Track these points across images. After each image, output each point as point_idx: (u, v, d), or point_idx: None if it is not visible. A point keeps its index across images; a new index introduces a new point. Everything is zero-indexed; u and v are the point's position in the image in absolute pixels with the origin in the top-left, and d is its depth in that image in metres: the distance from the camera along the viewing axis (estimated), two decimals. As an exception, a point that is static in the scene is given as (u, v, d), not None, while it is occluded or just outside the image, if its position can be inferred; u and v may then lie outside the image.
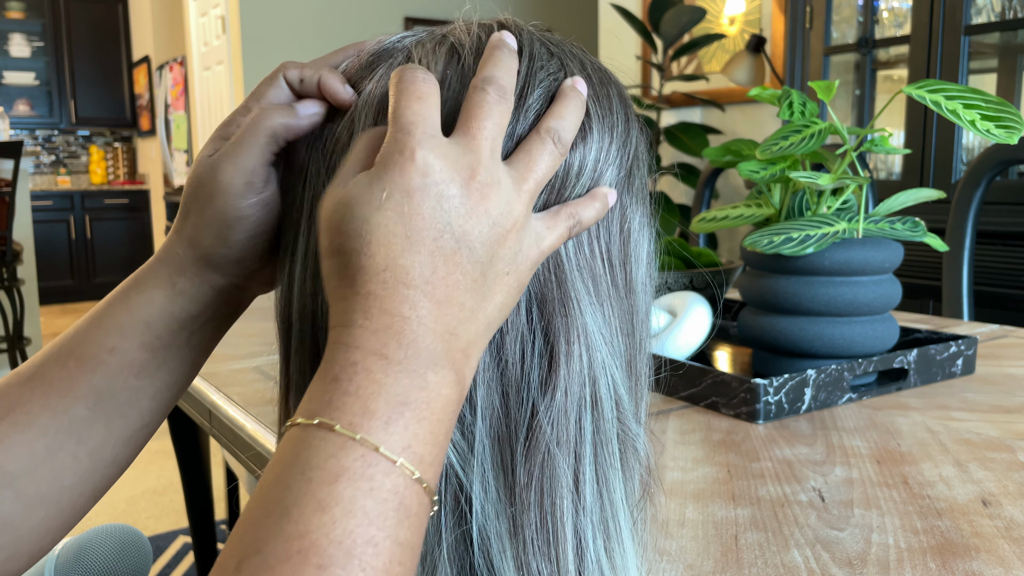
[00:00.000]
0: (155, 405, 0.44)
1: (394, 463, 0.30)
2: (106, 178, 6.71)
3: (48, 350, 0.43)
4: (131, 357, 0.43)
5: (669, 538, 0.55)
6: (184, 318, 0.43)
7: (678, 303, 0.97)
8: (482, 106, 0.35)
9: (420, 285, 0.33)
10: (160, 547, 2.17)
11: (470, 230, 0.33)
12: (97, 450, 0.43)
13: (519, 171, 0.36)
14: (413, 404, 0.31)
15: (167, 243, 0.44)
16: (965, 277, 1.40)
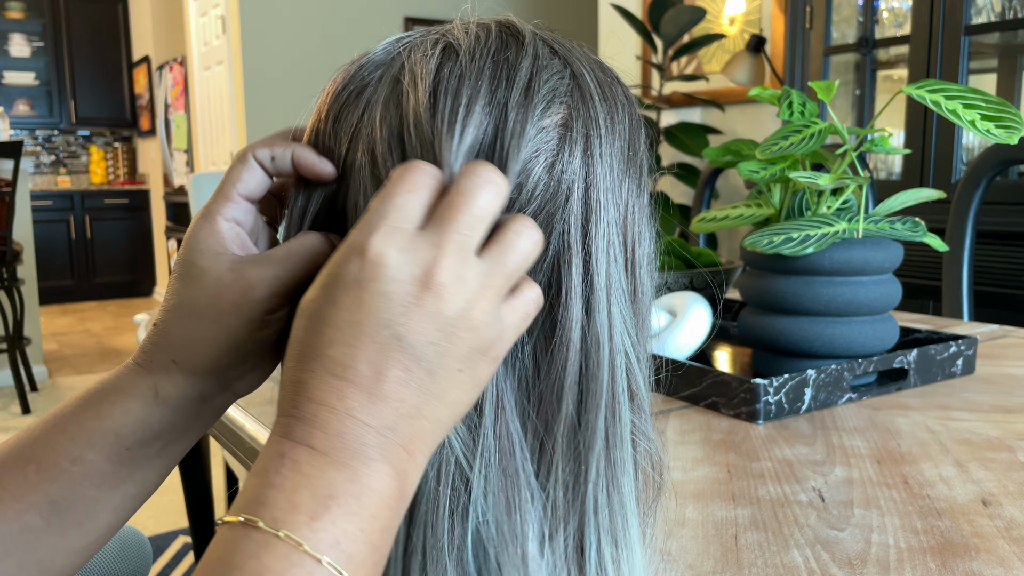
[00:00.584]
0: (114, 517, 0.42)
1: (319, 562, 0.29)
2: (106, 178, 6.71)
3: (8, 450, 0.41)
4: (95, 468, 0.40)
5: (669, 538, 0.55)
6: (160, 429, 0.41)
7: (678, 303, 0.97)
8: (463, 192, 0.33)
9: (351, 378, 0.31)
10: (160, 547, 2.17)
11: (413, 329, 0.32)
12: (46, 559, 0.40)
13: (490, 265, 0.34)
14: (341, 498, 0.30)
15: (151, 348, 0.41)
16: (965, 277, 1.40)
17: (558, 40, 0.40)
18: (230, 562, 0.29)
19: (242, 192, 0.40)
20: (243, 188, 0.40)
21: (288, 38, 4.45)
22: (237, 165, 0.41)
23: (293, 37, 4.45)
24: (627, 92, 0.41)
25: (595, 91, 0.39)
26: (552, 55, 0.39)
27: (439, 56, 0.38)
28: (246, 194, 0.41)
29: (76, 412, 0.41)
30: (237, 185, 0.40)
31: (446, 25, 0.41)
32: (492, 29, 0.40)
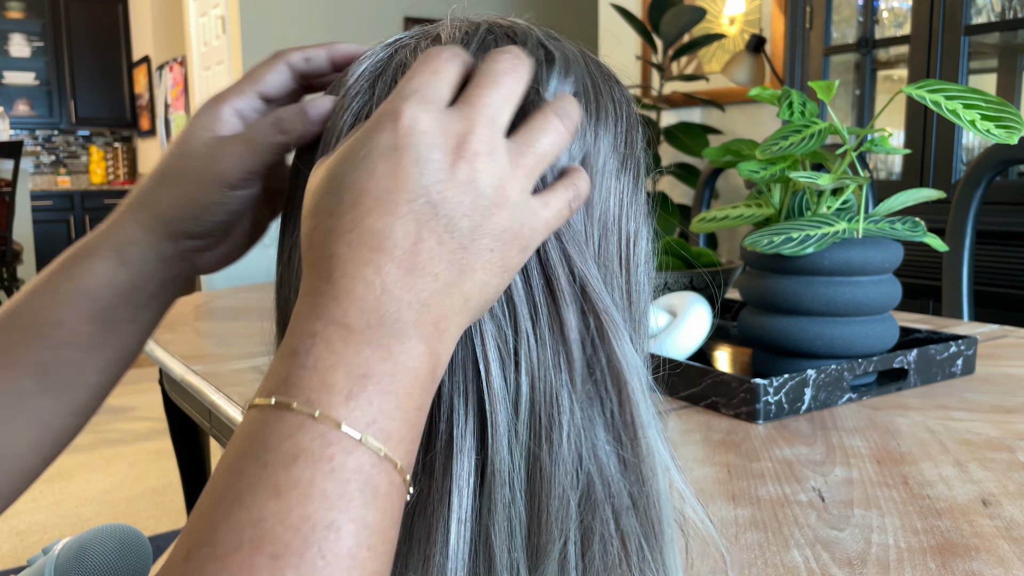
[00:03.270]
0: (103, 378, 0.44)
1: (357, 440, 0.28)
2: (106, 178, 6.71)
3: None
4: (76, 331, 0.42)
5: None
6: (127, 290, 0.43)
7: (678, 303, 0.97)
8: (488, 74, 0.34)
9: (388, 249, 0.30)
10: (160, 547, 2.17)
11: (450, 198, 0.31)
12: (47, 421, 0.43)
13: (519, 145, 0.34)
14: (376, 377, 0.29)
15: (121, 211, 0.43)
16: (965, 277, 1.40)
17: (553, 37, 0.40)
18: (264, 445, 0.28)
19: (260, 90, 0.42)
20: (262, 87, 0.42)
21: (288, 38, 4.45)
22: (262, 66, 0.43)
23: (293, 37, 4.45)
24: (623, 90, 0.41)
25: (590, 88, 0.39)
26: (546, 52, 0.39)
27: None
28: (262, 92, 0.42)
29: (51, 277, 0.43)
30: (256, 84, 0.42)
31: (442, 23, 0.41)
32: (488, 26, 0.40)
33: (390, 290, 0.30)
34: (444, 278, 0.31)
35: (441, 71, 0.34)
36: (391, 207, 0.31)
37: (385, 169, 0.31)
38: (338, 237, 0.31)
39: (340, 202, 0.31)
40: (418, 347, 0.30)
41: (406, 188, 0.31)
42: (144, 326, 0.44)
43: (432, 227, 0.31)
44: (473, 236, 0.32)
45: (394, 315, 0.30)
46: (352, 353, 0.29)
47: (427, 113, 0.32)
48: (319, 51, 0.42)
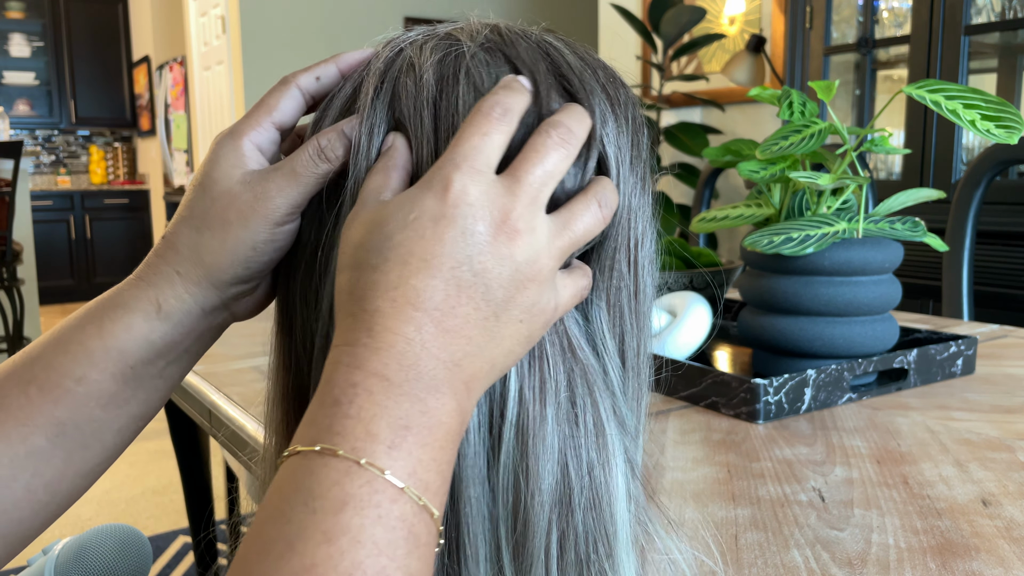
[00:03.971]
0: (119, 439, 0.42)
1: (400, 489, 0.29)
2: (106, 178, 6.71)
3: (7, 371, 0.40)
4: (100, 388, 0.40)
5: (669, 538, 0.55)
6: (163, 346, 0.41)
7: (678, 303, 0.97)
8: (538, 150, 0.35)
9: (429, 310, 0.32)
10: (160, 547, 2.17)
11: (490, 268, 0.33)
12: (54, 483, 0.40)
13: (558, 226, 0.35)
14: (416, 429, 0.30)
15: (155, 260, 0.41)
16: (965, 277, 1.40)
17: (559, 39, 0.41)
18: (311, 491, 0.29)
19: (275, 120, 0.41)
20: (278, 116, 0.41)
21: (288, 38, 4.45)
22: (275, 92, 0.42)
23: (293, 37, 4.45)
24: (630, 93, 0.41)
25: (599, 92, 0.39)
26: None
27: (444, 51, 0.39)
28: (279, 123, 0.41)
29: (77, 330, 0.40)
30: (272, 113, 0.41)
31: (448, 25, 0.41)
32: (496, 29, 0.40)
33: (428, 348, 0.32)
34: (477, 342, 0.33)
35: (491, 134, 0.35)
36: (435, 271, 0.32)
37: (434, 234, 0.32)
38: (383, 293, 0.32)
39: (387, 260, 0.32)
40: (450, 403, 0.32)
41: (452, 255, 0.32)
42: (170, 382, 0.43)
43: (471, 294, 0.33)
44: (506, 306, 0.34)
45: (431, 371, 0.31)
46: (393, 405, 0.30)
47: (476, 185, 0.33)
48: (328, 67, 0.41)
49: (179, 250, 0.40)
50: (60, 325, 0.41)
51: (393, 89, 0.38)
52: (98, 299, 0.41)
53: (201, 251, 0.40)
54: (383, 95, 0.38)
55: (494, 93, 0.36)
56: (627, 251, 0.40)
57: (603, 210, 0.37)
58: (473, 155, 0.34)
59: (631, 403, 0.41)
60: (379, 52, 0.41)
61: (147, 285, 0.41)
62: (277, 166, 0.40)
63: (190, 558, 2.11)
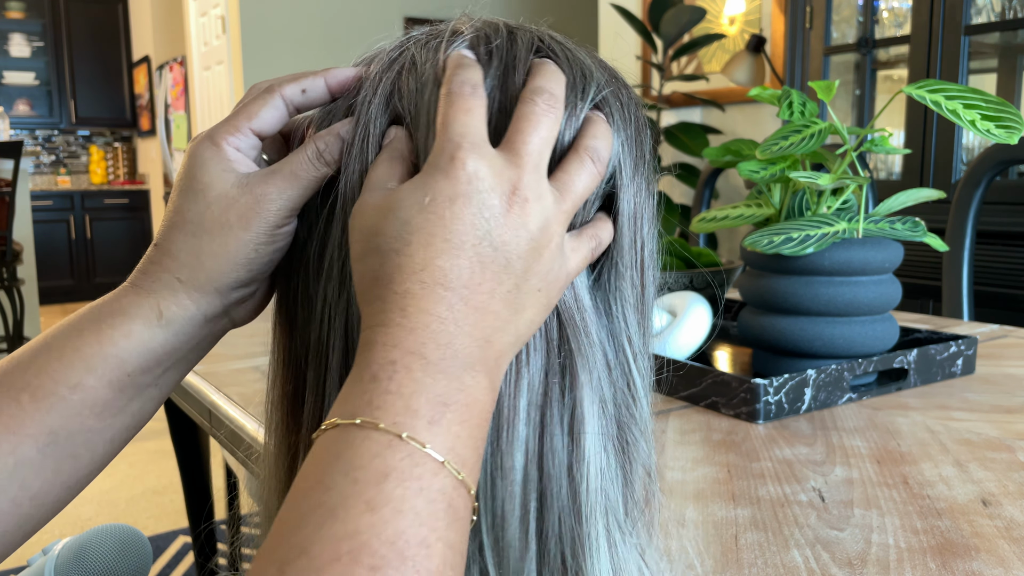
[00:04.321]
0: (109, 449, 0.41)
1: (440, 463, 0.29)
2: (106, 178, 6.71)
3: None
4: (95, 396, 0.39)
5: (669, 538, 0.55)
6: (163, 353, 0.40)
7: (678, 303, 0.97)
8: (529, 119, 0.35)
9: (457, 288, 0.32)
10: (160, 547, 2.17)
11: (509, 240, 0.33)
12: (40, 495, 0.39)
13: (559, 190, 0.36)
14: (454, 406, 0.31)
15: (151, 268, 0.40)
16: (965, 277, 1.40)
17: (562, 40, 0.41)
18: (352, 462, 0.29)
19: (255, 127, 0.41)
20: (257, 124, 0.41)
21: (288, 38, 4.45)
22: (257, 101, 0.41)
23: (293, 37, 4.45)
24: (632, 93, 0.42)
25: (610, 93, 0.39)
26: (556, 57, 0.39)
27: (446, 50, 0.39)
28: (258, 130, 0.41)
29: (72, 337, 0.39)
30: (252, 120, 0.40)
31: (450, 23, 0.41)
32: (497, 28, 0.40)
33: (461, 326, 0.32)
34: (503, 316, 0.34)
35: (472, 109, 0.35)
36: (458, 250, 0.33)
37: (451, 214, 0.33)
38: (410, 275, 0.32)
39: (408, 243, 0.33)
40: (484, 380, 0.32)
41: (472, 232, 0.33)
42: (164, 391, 0.42)
43: (493, 269, 0.33)
44: (526, 276, 0.34)
45: (466, 350, 0.32)
46: (431, 382, 0.31)
47: (483, 160, 0.34)
48: (317, 80, 0.40)
49: (177, 256, 0.40)
50: (51, 332, 0.40)
51: (394, 87, 0.38)
52: (91, 306, 0.41)
53: (202, 256, 0.39)
54: (385, 93, 0.38)
55: (455, 73, 0.36)
56: (633, 251, 0.40)
57: (597, 164, 0.37)
58: (468, 132, 0.34)
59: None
60: (384, 51, 0.41)
61: (146, 292, 0.40)
62: (275, 168, 0.39)
63: (190, 558, 2.11)
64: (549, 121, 0.36)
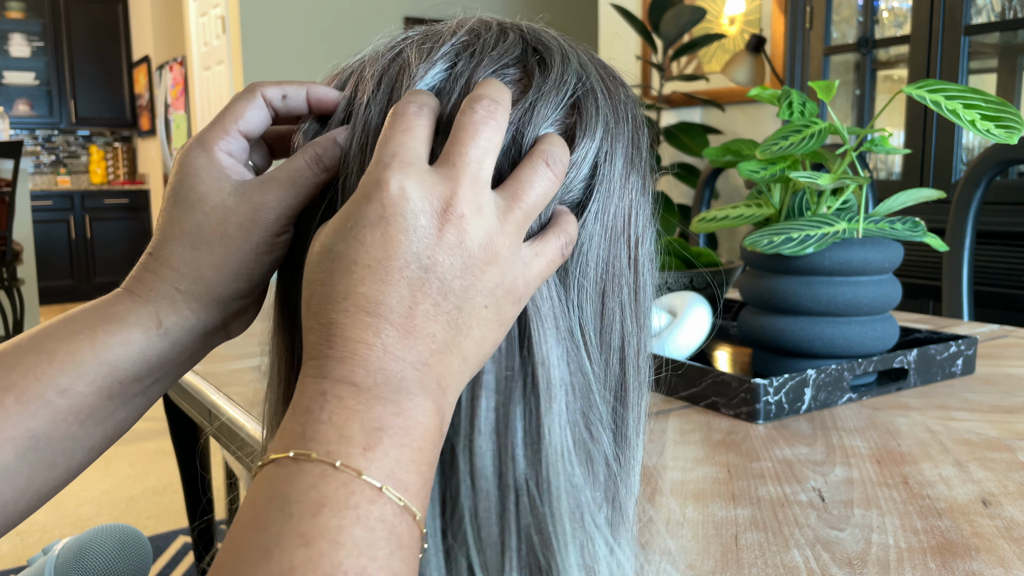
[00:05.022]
0: (85, 459, 0.40)
1: (379, 490, 0.28)
2: (106, 178, 6.71)
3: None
4: (83, 402, 0.38)
5: (669, 538, 0.55)
6: (157, 363, 0.39)
7: (678, 303, 0.97)
8: (466, 128, 0.34)
9: (384, 314, 0.31)
10: (160, 547, 2.17)
11: (441, 262, 0.32)
12: (11, 503, 0.37)
13: (506, 200, 0.34)
14: (390, 430, 0.30)
15: (148, 277, 0.39)
16: (965, 277, 1.40)
17: (559, 37, 0.41)
18: (287, 497, 0.28)
19: (242, 128, 0.40)
20: (244, 124, 0.40)
21: (288, 38, 4.45)
22: (241, 100, 0.40)
23: (293, 37, 4.45)
24: (629, 91, 0.41)
25: (599, 90, 0.39)
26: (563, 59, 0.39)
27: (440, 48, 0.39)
28: (245, 131, 0.40)
29: (65, 339, 0.38)
30: (239, 121, 0.40)
31: (447, 23, 0.41)
32: (492, 28, 0.40)
33: (391, 351, 0.31)
34: (442, 338, 0.32)
35: (412, 128, 0.34)
36: (383, 275, 0.31)
37: (374, 239, 0.31)
38: (334, 304, 0.31)
39: (332, 272, 0.32)
40: (425, 403, 0.31)
41: (397, 256, 0.31)
42: (149, 401, 0.41)
43: (426, 291, 0.32)
44: (467, 295, 0.32)
45: (399, 374, 0.31)
46: (364, 408, 0.30)
47: (410, 179, 0.32)
48: (298, 89, 0.40)
49: (176, 267, 0.39)
50: (39, 332, 0.39)
51: (392, 90, 0.38)
52: (83, 309, 0.40)
53: (201, 267, 0.39)
54: (381, 95, 0.38)
55: (404, 97, 0.36)
56: (627, 249, 0.39)
57: (553, 168, 0.35)
58: (400, 151, 0.33)
59: (631, 406, 0.41)
60: (378, 51, 0.41)
61: (144, 300, 0.39)
62: (272, 176, 0.39)
63: (190, 558, 2.11)
64: (489, 130, 0.34)
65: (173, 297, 0.39)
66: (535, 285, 0.35)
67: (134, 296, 0.40)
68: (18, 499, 0.37)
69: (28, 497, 0.38)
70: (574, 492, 0.36)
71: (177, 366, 0.41)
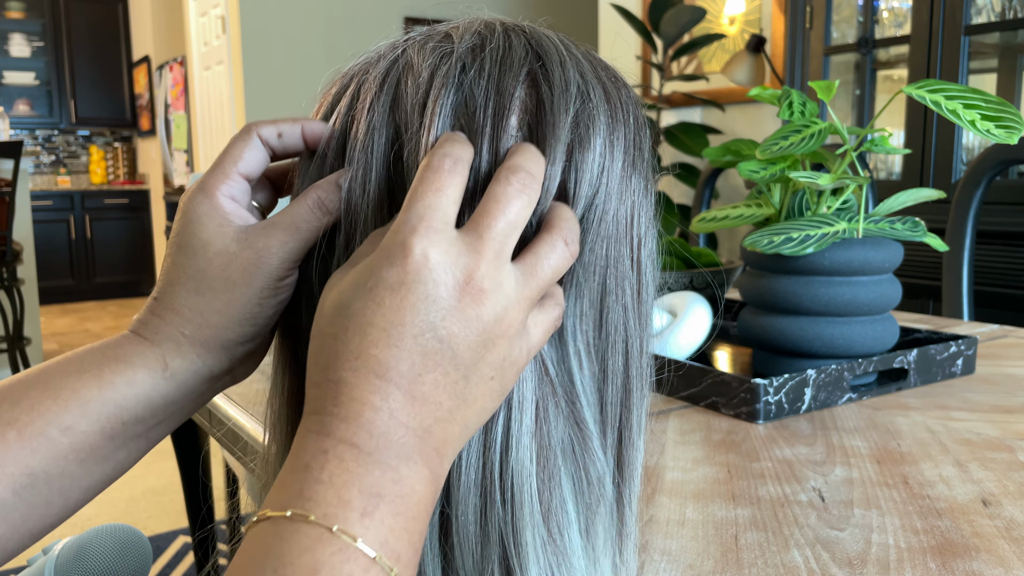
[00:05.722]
0: (81, 499, 0.40)
1: (372, 559, 0.28)
2: (106, 178, 6.71)
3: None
4: (85, 441, 0.38)
5: (669, 538, 0.55)
6: (162, 405, 0.40)
7: (678, 303, 0.97)
8: (499, 200, 0.34)
9: (394, 378, 0.31)
10: (160, 547, 2.17)
11: (456, 332, 0.32)
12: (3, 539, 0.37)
13: (524, 275, 0.34)
14: (388, 497, 0.30)
15: (155, 321, 0.40)
16: (965, 277, 1.40)
17: (560, 39, 0.40)
18: (281, 558, 0.28)
19: (242, 171, 0.40)
20: (243, 166, 0.40)
21: (288, 38, 4.45)
22: (238, 142, 0.40)
23: (293, 37, 4.45)
24: (631, 92, 0.41)
25: (600, 91, 0.39)
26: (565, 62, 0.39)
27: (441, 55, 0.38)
28: (245, 173, 0.40)
29: (70, 377, 0.38)
30: (238, 163, 0.40)
31: (448, 24, 0.41)
32: (495, 28, 0.40)
33: (397, 416, 0.31)
34: (447, 407, 0.32)
35: (444, 188, 0.33)
36: (397, 340, 0.31)
37: (392, 303, 0.32)
38: (344, 362, 0.31)
39: (346, 329, 0.32)
40: (423, 470, 0.31)
41: (413, 323, 0.32)
42: (150, 444, 0.41)
43: (438, 360, 0.32)
44: (476, 367, 0.33)
45: (401, 440, 0.31)
46: (364, 472, 0.30)
47: (435, 246, 0.32)
48: (292, 127, 0.40)
49: (181, 312, 0.39)
50: (44, 368, 0.39)
51: (395, 92, 0.38)
52: (89, 348, 0.40)
53: (206, 313, 0.39)
54: (384, 97, 0.38)
55: (440, 146, 0.35)
56: (630, 251, 0.39)
57: (570, 247, 0.35)
58: (429, 214, 0.33)
59: (633, 407, 0.40)
60: (381, 52, 0.41)
61: (150, 343, 0.40)
62: (274, 220, 0.39)
63: (190, 558, 2.11)
64: (520, 204, 0.34)
65: (179, 341, 0.40)
66: (535, 351, 0.35)
67: (141, 339, 0.40)
68: (11, 536, 0.37)
69: (21, 535, 0.38)
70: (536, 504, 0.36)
71: (181, 408, 0.41)
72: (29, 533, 0.38)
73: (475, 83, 0.37)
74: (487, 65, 0.38)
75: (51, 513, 0.38)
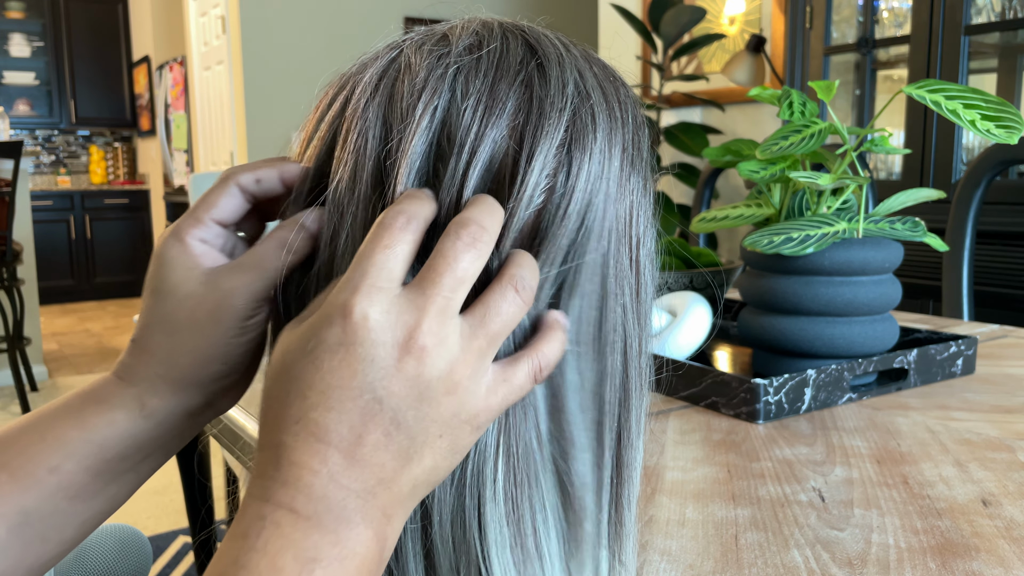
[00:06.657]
0: (78, 534, 0.41)
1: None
2: (106, 178, 6.72)
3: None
4: (72, 480, 0.39)
5: (669, 538, 0.55)
6: (143, 442, 0.41)
7: (678, 303, 0.97)
8: (445, 256, 0.33)
9: (334, 441, 0.31)
10: (160, 547, 2.17)
11: (396, 392, 0.31)
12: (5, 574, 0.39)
13: (472, 327, 0.33)
14: (324, 561, 0.30)
15: (132, 363, 0.41)
16: (965, 277, 1.40)
17: (558, 38, 0.40)
18: None
19: (215, 217, 0.41)
20: (216, 213, 0.41)
21: (288, 38, 4.45)
22: (215, 191, 0.41)
23: (293, 37, 4.45)
24: (629, 91, 0.41)
25: (598, 90, 0.39)
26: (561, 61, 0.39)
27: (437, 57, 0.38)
28: (219, 219, 0.41)
29: (55, 420, 0.40)
30: (211, 211, 0.41)
31: (446, 24, 0.41)
32: (493, 28, 0.40)
33: (337, 479, 0.31)
34: (391, 467, 0.32)
35: (393, 245, 0.33)
36: (336, 402, 0.31)
37: (331, 365, 0.31)
38: (286, 426, 0.31)
39: (288, 392, 0.32)
40: (365, 532, 0.31)
41: (351, 385, 0.31)
42: (141, 477, 0.42)
43: (378, 421, 0.31)
44: (421, 426, 0.32)
45: (341, 503, 0.31)
46: (301, 537, 0.30)
47: (376, 306, 0.32)
48: (270, 171, 0.40)
49: (155, 354, 0.40)
50: (36, 413, 0.41)
51: (391, 92, 0.38)
52: (75, 393, 0.41)
53: (176, 354, 0.40)
54: (380, 97, 0.38)
55: (398, 202, 0.34)
56: (628, 250, 0.39)
57: (522, 294, 0.34)
58: (373, 272, 0.32)
59: (633, 407, 0.40)
60: (378, 53, 0.40)
61: (128, 384, 0.41)
62: (239, 262, 0.39)
63: (190, 558, 2.11)
64: (469, 258, 0.33)
65: (154, 381, 0.40)
66: (496, 412, 0.34)
67: (120, 380, 0.41)
68: (12, 571, 0.39)
69: (22, 571, 0.39)
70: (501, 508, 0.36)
71: (165, 444, 0.42)
72: (29, 569, 0.39)
73: (468, 87, 0.37)
74: (483, 67, 0.37)
75: (48, 549, 0.40)
